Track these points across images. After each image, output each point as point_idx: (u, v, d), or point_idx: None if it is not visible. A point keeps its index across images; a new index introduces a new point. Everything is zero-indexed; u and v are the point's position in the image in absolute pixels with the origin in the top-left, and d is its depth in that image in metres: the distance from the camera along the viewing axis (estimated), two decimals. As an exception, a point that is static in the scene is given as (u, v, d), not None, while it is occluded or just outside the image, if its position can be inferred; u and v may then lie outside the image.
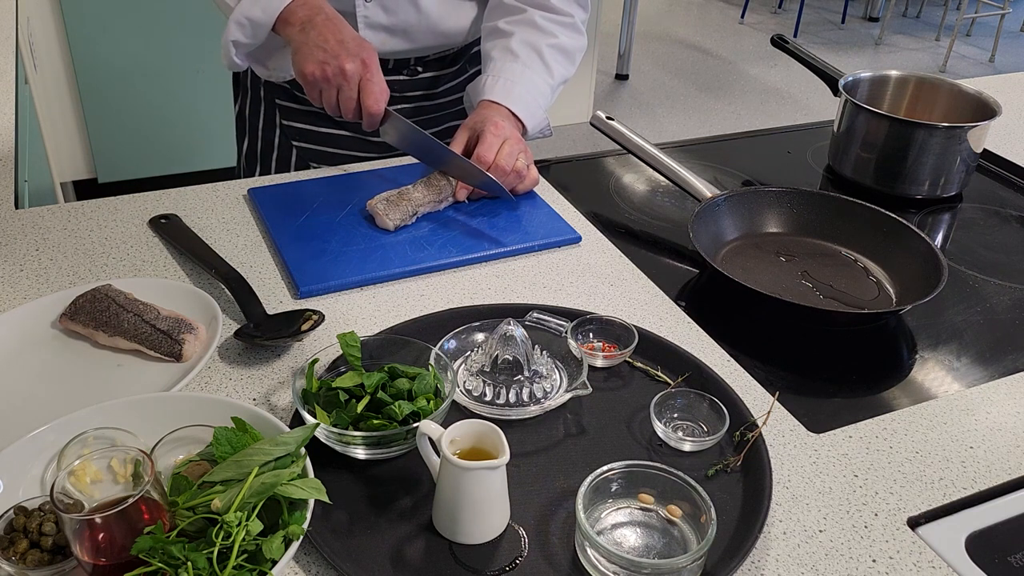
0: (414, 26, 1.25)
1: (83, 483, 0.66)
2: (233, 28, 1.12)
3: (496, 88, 1.21)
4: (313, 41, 1.06)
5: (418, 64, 1.33)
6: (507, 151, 1.13)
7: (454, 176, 1.14)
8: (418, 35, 1.27)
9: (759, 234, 1.17)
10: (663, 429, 0.79)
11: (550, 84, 1.25)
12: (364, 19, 1.23)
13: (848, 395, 0.91)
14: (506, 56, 1.23)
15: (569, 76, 1.29)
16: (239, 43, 1.14)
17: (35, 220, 1.11)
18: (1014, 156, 1.44)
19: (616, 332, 0.90)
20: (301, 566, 0.68)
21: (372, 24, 1.24)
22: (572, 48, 1.28)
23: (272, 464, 0.66)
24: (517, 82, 1.21)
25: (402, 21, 1.24)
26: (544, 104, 1.25)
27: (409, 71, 1.33)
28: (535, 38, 1.24)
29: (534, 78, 1.23)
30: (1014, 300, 1.08)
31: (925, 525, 0.74)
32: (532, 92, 1.22)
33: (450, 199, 1.15)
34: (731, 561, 0.67)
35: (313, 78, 1.06)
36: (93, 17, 2.96)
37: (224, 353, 0.89)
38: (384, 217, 1.08)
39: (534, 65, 1.23)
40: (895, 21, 6.26)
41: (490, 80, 1.22)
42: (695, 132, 4.25)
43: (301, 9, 1.08)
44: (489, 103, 1.20)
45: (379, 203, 1.09)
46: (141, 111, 3.15)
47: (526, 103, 1.21)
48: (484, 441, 0.70)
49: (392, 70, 1.31)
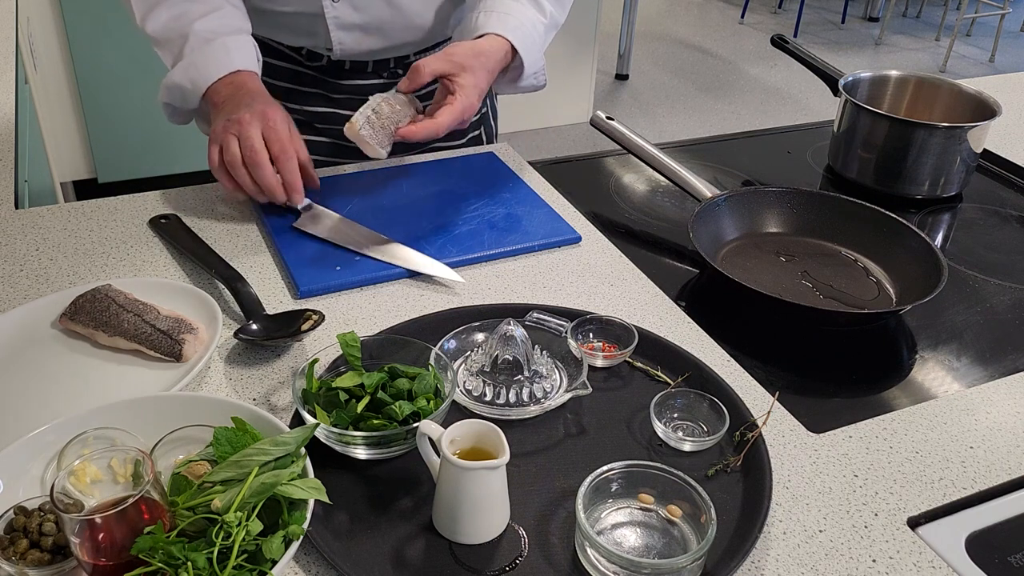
0: (388, 22, 1.21)
1: (83, 483, 0.66)
2: (164, 91, 1.11)
3: (491, 21, 1.13)
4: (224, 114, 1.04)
5: (398, 67, 1.30)
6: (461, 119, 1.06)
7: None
8: (394, 32, 1.23)
9: (759, 234, 1.17)
10: (663, 429, 0.79)
11: (543, 23, 1.18)
12: (334, 20, 1.19)
13: (848, 395, 0.91)
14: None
15: (561, 22, 1.23)
16: (170, 106, 1.13)
17: (35, 220, 1.11)
18: (1014, 156, 1.44)
19: (616, 332, 0.90)
20: (301, 566, 0.68)
21: (343, 24, 1.20)
22: None
23: (272, 464, 0.66)
24: (512, 14, 1.14)
25: (375, 18, 1.20)
26: (540, 44, 1.18)
27: (389, 73, 1.30)
28: None
29: (527, 12, 1.16)
30: (1014, 300, 1.08)
31: (925, 525, 0.74)
32: (527, 26, 1.15)
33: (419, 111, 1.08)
34: (731, 561, 0.67)
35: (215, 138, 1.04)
36: (93, 17, 2.96)
37: (224, 353, 0.89)
38: (376, 147, 1.03)
39: (526, 2, 1.16)
40: (895, 21, 6.26)
41: (482, 16, 1.14)
42: (695, 132, 4.25)
43: (224, 87, 1.07)
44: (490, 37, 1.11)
45: (362, 128, 1.02)
46: (141, 111, 3.15)
47: (523, 35, 1.14)
48: (484, 441, 0.70)
49: (372, 72, 1.29)
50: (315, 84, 1.29)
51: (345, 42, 1.22)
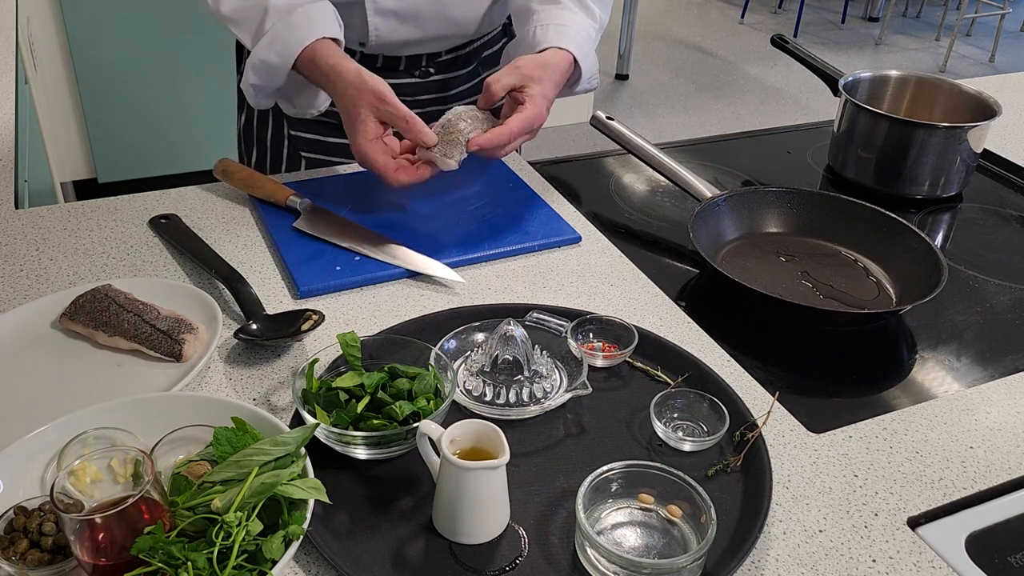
0: (424, 10, 1.21)
1: (83, 483, 0.66)
2: (249, 72, 1.10)
3: (549, 34, 1.14)
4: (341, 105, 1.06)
5: (430, 65, 1.31)
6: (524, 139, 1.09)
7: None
8: (429, 22, 1.23)
9: (759, 234, 1.17)
10: (663, 429, 0.79)
11: (595, 27, 1.20)
12: (372, 3, 1.19)
13: (848, 395, 0.91)
14: (547, 5, 1.17)
15: (607, 22, 1.24)
16: (258, 87, 1.12)
17: (35, 220, 1.11)
18: (1014, 156, 1.44)
19: (616, 332, 0.90)
20: (301, 566, 0.68)
21: (381, 10, 1.20)
22: None
23: (272, 464, 0.66)
24: (569, 25, 1.15)
25: (411, 5, 1.20)
26: (593, 48, 1.19)
27: (421, 72, 1.31)
28: None
29: (581, 21, 1.17)
30: (1014, 300, 1.08)
31: (925, 525, 0.74)
32: (582, 35, 1.16)
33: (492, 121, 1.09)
34: (731, 561, 0.67)
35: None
36: (93, 17, 2.96)
37: (224, 353, 0.89)
38: (448, 160, 1.05)
39: (576, 8, 1.18)
40: (895, 21, 6.26)
41: (539, 30, 1.15)
42: (695, 132, 4.25)
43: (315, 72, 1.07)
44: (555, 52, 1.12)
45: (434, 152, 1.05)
46: (141, 111, 3.15)
47: (580, 46, 1.15)
48: (484, 441, 0.70)
49: (403, 71, 1.29)
50: None
51: (381, 29, 1.21)
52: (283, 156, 1.36)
